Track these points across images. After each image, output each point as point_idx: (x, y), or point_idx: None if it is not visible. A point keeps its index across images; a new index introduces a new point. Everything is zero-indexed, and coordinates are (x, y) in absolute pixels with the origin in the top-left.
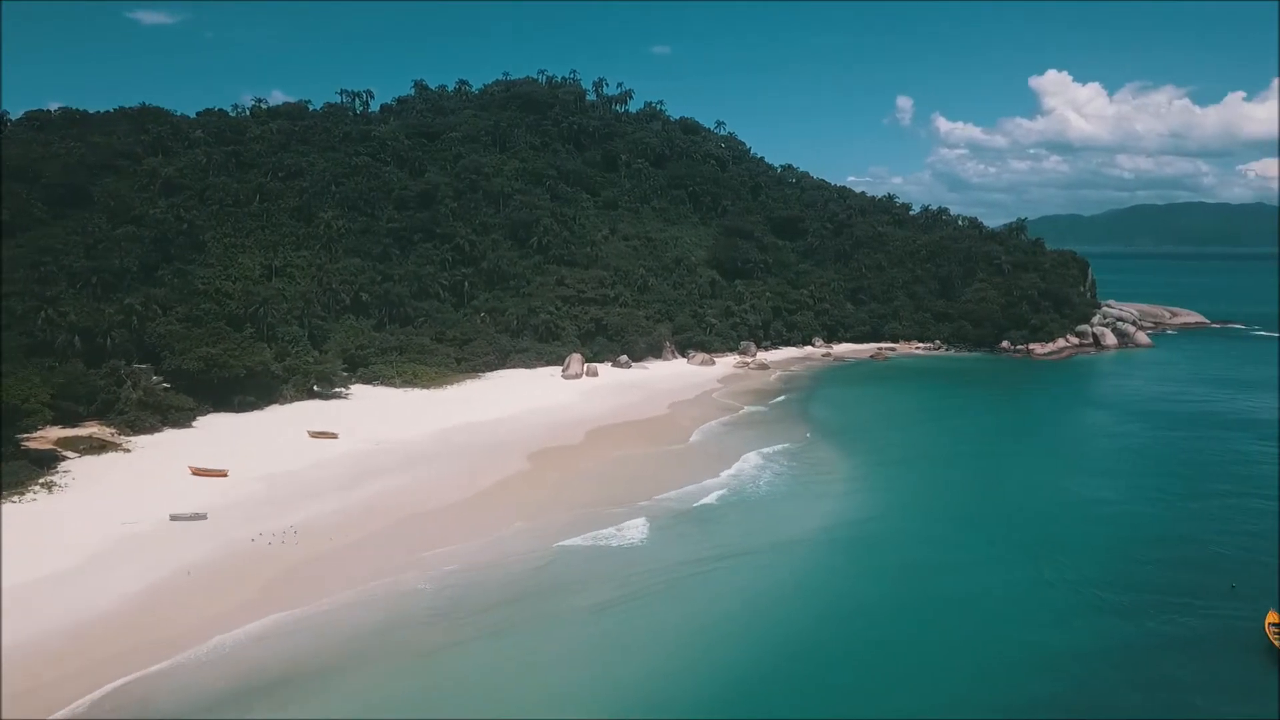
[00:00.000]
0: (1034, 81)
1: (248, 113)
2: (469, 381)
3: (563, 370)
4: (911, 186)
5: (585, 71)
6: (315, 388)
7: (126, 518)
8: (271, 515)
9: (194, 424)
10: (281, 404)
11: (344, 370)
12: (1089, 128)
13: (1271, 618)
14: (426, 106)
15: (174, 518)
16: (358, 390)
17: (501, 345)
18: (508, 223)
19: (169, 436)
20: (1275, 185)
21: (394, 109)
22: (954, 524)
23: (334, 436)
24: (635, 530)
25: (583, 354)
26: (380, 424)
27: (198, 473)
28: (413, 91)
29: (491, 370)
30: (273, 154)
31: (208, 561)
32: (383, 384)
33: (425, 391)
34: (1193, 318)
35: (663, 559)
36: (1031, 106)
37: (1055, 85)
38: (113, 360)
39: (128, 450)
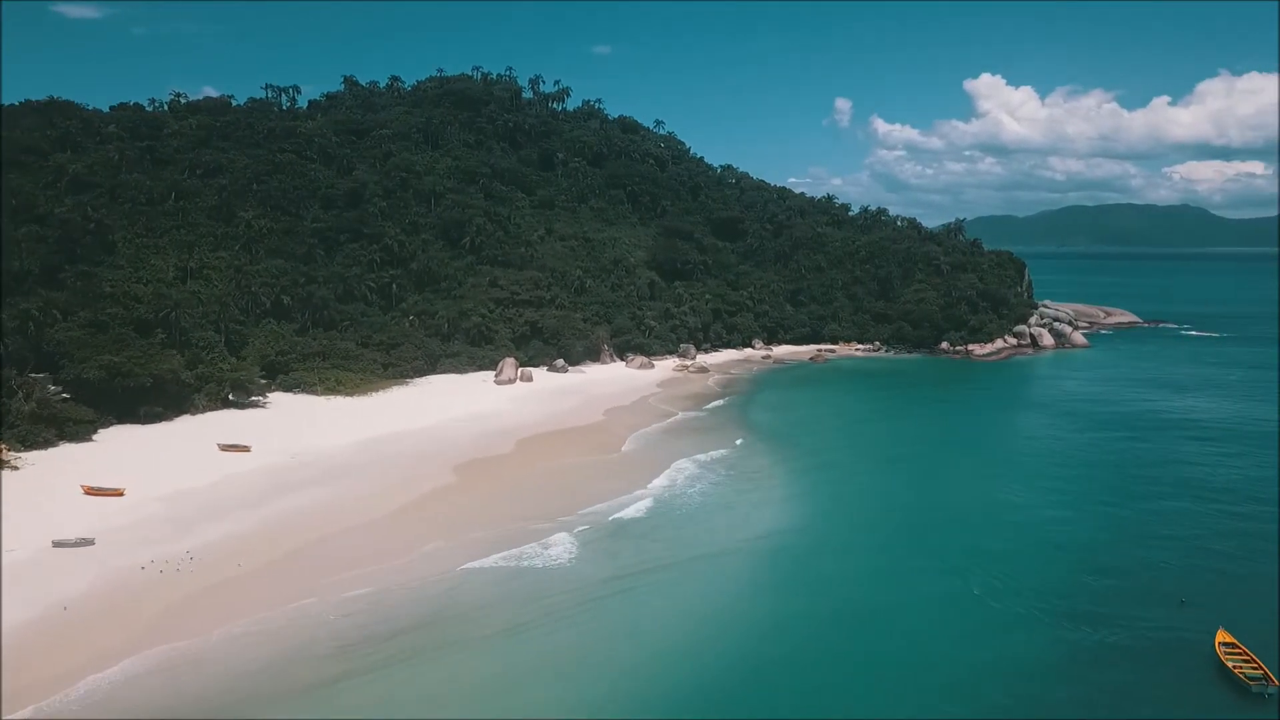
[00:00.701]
0: (968, 84)
1: (165, 107)
2: (396, 388)
3: (495, 375)
4: (851, 188)
5: (524, 70)
6: (230, 397)
7: (4, 544)
8: (169, 539)
9: (94, 437)
10: (193, 414)
11: (262, 377)
12: (1022, 130)
13: (1222, 636)
14: (356, 103)
15: (57, 544)
16: (277, 399)
17: (431, 350)
18: (439, 222)
19: (64, 452)
20: (1199, 188)
21: (322, 105)
22: (890, 534)
23: (246, 450)
24: (559, 547)
25: (517, 358)
26: (299, 435)
27: (91, 492)
28: (343, 88)
29: (420, 376)
30: (191, 150)
31: (90, 593)
32: (304, 392)
33: (349, 399)
34: (1126, 317)
35: (585, 577)
36: (966, 109)
37: (989, 89)
38: (4, 369)
39: (16, 468)
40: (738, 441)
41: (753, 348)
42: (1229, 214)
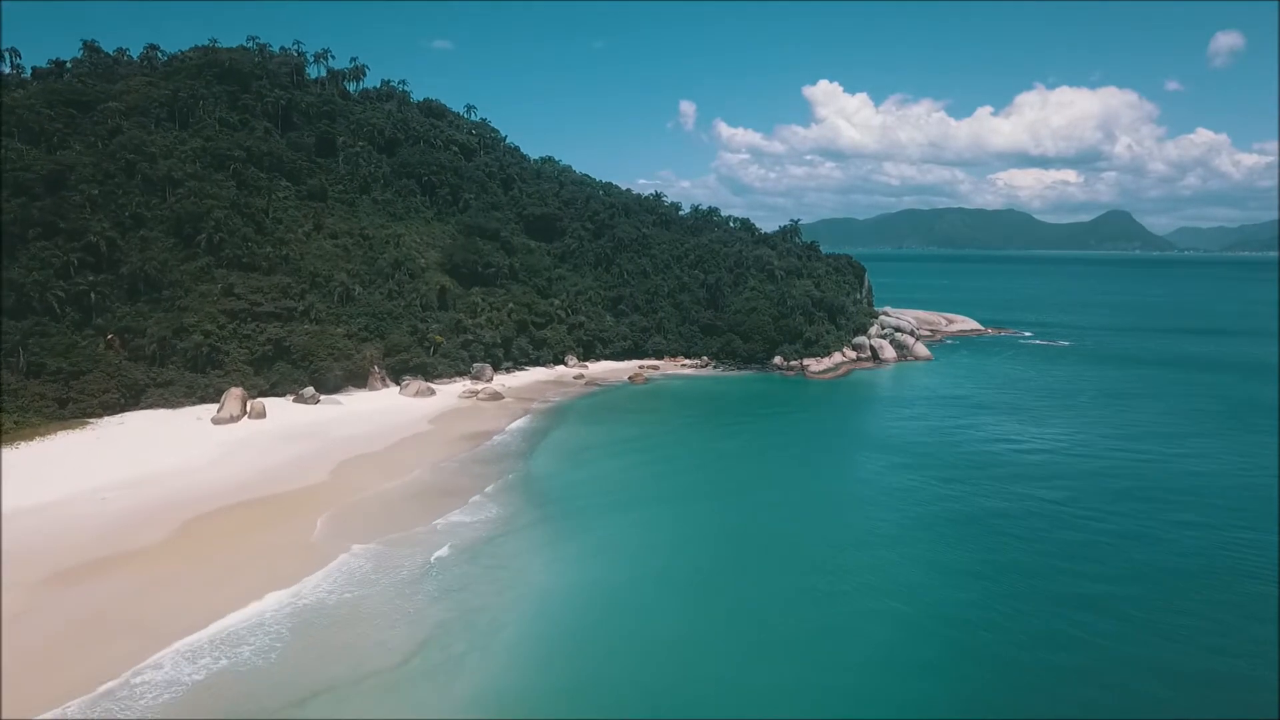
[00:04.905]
0: (807, 91)
1: None
2: (64, 434)
3: (217, 411)
4: (699, 190)
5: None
6: None
7: None
8: None
9: None
10: None
11: None
12: (858, 136)
13: None
14: (93, 71)
15: None
16: None
17: (133, 378)
18: (170, 215)
19: None
20: (1020, 194)
21: (48, 73)
22: (644, 688)
23: None
24: None
25: (249, 387)
26: None
27: None
28: (81, 54)
29: (114, 413)
30: None
31: None
32: None
33: None
34: (969, 324)
35: None
36: (806, 114)
37: (826, 95)
38: None
39: None
40: (488, 510)
41: (565, 365)
42: (1048, 219)
